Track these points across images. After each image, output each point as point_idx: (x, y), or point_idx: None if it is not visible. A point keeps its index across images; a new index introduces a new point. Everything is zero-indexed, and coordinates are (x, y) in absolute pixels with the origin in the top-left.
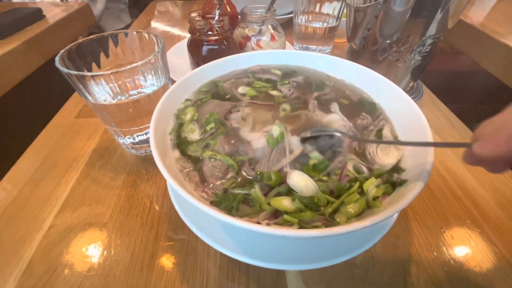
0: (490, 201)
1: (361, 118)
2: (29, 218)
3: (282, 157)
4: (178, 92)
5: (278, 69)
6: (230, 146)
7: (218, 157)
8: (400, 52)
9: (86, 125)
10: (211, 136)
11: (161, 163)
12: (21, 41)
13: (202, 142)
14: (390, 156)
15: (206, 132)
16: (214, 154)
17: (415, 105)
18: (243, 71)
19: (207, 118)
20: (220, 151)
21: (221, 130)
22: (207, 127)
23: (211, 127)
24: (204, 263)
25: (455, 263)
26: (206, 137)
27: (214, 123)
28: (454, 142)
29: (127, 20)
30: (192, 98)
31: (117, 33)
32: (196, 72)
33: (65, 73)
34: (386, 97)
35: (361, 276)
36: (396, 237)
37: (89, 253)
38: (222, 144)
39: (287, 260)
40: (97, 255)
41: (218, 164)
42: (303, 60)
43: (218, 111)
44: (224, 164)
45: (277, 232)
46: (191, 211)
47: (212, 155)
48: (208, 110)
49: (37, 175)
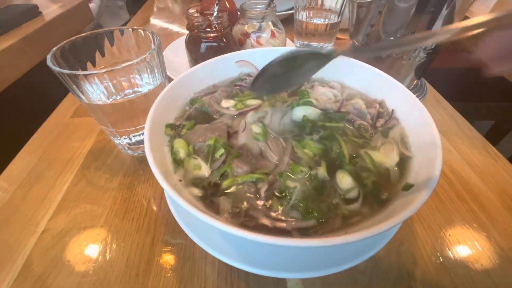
0: (497, 203)
1: (374, 107)
2: (23, 221)
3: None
4: (175, 91)
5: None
6: (249, 165)
7: (240, 180)
8: None
9: (82, 125)
10: (224, 164)
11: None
12: (17, 38)
13: (218, 174)
14: (389, 159)
15: (217, 160)
16: (235, 180)
17: (421, 104)
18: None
19: (210, 145)
20: (239, 174)
21: (234, 153)
22: (217, 154)
23: (221, 153)
24: (202, 268)
25: (461, 268)
26: (219, 166)
27: (224, 148)
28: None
29: (126, 17)
30: (175, 121)
31: (112, 30)
32: (194, 71)
33: (57, 72)
34: (391, 95)
35: (364, 283)
36: (400, 242)
37: (84, 258)
38: (240, 166)
39: (288, 268)
40: (92, 260)
41: (247, 187)
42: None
43: (217, 134)
44: (252, 184)
45: (278, 242)
46: (189, 216)
47: (235, 181)
48: (202, 137)
49: (32, 176)
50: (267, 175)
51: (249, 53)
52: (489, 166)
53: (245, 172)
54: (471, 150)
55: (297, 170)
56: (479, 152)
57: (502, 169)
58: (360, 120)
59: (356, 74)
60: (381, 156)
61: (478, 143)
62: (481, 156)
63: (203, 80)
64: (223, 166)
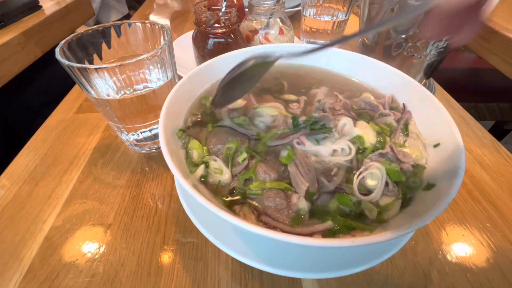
0: (509, 203)
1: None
2: (29, 218)
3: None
4: (186, 87)
5: (285, 77)
6: (276, 172)
7: (268, 185)
8: (415, 47)
9: (87, 120)
10: (246, 169)
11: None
12: (17, 32)
13: (242, 178)
14: (418, 155)
15: (239, 165)
16: (262, 184)
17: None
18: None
19: (231, 148)
20: (266, 180)
21: (258, 159)
22: (239, 158)
23: (244, 158)
24: (215, 268)
25: (477, 269)
26: (242, 170)
27: (246, 153)
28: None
29: (124, 11)
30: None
31: (120, 23)
32: (204, 67)
33: (66, 66)
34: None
35: (380, 283)
36: (415, 242)
37: (93, 257)
38: (267, 172)
39: (304, 268)
40: (102, 259)
41: (273, 194)
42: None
43: (239, 138)
44: (279, 191)
45: (297, 241)
46: (202, 213)
47: (263, 185)
48: (221, 139)
49: (37, 173)
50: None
51: (258, 49)
52: (500, 165)
53: (272, 179)
54: (482, 150)
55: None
56: (490, 152)
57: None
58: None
59: (366, 69)
60: (410, 152)
61: (488, 142)
62: (492, 155)
63: (214, 76)
64: (247, 171)
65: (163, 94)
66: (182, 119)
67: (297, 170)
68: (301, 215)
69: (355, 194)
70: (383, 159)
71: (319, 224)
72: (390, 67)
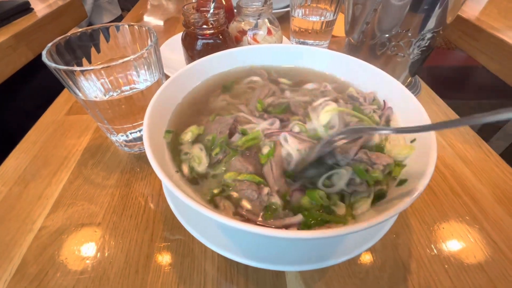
0: (489, 197)
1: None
2: (19, 219)
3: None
4: (172, 88)
5: (283, 75)
6: (253, 167)
7: (241, 177)
8: (399, 46)
9: (77, 122)
10: (218, 163)
11: (157, 166)
12: (8, 35)
13: (213, 171)
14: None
15: (213, 157)
16: (236, 175)
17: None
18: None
19: (209, 141)
20: (242, 172)
21: (231, 153)
22: (213, 153)
23: (216, 153)
24: (201, 264)
25: (455, 260)
26: (214, 163)
27: (220, 147)
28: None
29: (117, 12)
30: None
31: (108, 26)
32: (191, 67)
33: (53, 68)
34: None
35: (361, 275)
36: (396, 234)
37: (82, 255)
38: (245, 165)
39: (287, 261)
40: (91, 257)
41: (246, 186)
42: (302, 56)
43: (221, 130)
44: (252, 183)
45: (276, 234)
46: (188, 211)
47: (234, 177)
48: (211, 130)
49: (27, 174)
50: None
51: (245, 50)
52: (481, 161)
53: (249, 172)
54: (464, 145)
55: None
56: (472, 147)
57: (493, 164)
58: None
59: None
60: (391, 148)
61: (470, 139)
62: (473, 151)
63: (200, 77)
64: (218, 164)
65: (151, 95)
66: (168, 120)
67: (271, 172)
68: (273, 207)
69: (318, 186)
70: (354, 161)
71: (292, 217)
72: (372, 66)
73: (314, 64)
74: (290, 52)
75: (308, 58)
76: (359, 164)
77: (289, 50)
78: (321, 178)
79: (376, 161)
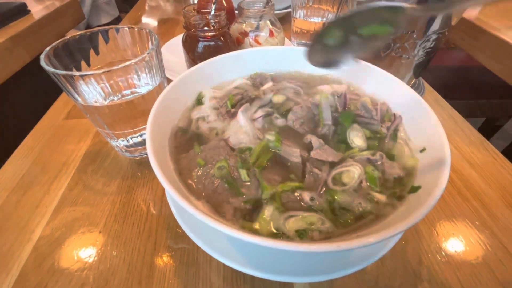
0: (497, 201)
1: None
2: (17, 228)
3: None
4: (175, 92)
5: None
6: (280, 175)
7: (281, 188)
8: (403, 48)
9: (76, 127)
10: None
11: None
12: (5, 37)
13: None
14: (404, 159)
15: (246, 182)
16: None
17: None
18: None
19: (223, 167)
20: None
21: (259, 167)
22: (242, 177)
23: (245, 177)
24: (206, 274)
25: (466, 266)
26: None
27: (246, 169)
28: None
29: (114, 13)
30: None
31: (108, 28)
32: (195, 70)
33: (51, 73)
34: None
35: (371, 283)
36: (405, 241)
37: (82, 266)
38: (273, 177)
39: (295, 272)
40: (92, 268)
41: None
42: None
43: (224, 156)
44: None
45: (285, 246)
46: (192, 218)
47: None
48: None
49: (25, 181)
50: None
51: (248, 52)
52: (488, 164)
53: (278, 182)
54: (470, 148)
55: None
56: (478, 150)
57: (501, 167)
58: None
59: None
60: (398, 157)
61: (476, 141)
62: (480, 154)
63: (204, 79)
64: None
65: (152, 99)
66: (172, 124)
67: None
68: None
69: (327, 181)
70: (368, 164)
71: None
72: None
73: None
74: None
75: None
76: (372, 168)
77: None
78: (332, 173)
79: (387, 170)
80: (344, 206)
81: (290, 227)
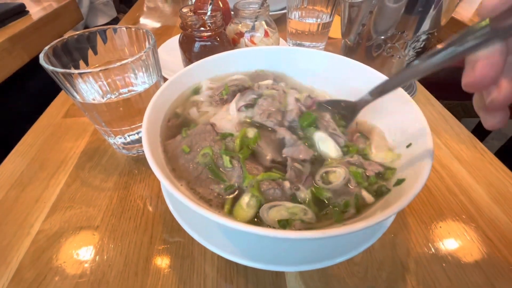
0: (484, 196)
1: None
2: (16, 223)
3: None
4: (171, 90)
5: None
6: (261, 165)
7: (261, 177)
8: (394, 48)
9: (75, 125)
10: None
11: (156, 168)
12: (4, 38)
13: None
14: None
15: (229, 170)
16: (255, 177)
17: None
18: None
19: (207, 154)
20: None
21: (244, 154)
22: (225, 164)
23: (228, 163)
24: (201, 265)
25: (452, 258)
26: (240, 175)
27: (226, 155)
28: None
29: (112, 14)
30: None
31: (106, 28)
32: (189, 69)
33: (50, 71)
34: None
35: (360, 274)
36: (394, 234)
37: (80, 259)
38: (255, 166)
39: (286, 261)
40: (89, 260)
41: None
42: (297, 57)
43: (209, 141)
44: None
45: (277, 234)
46: (187, 212)
47: (255, 179)
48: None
49: (24, 177)
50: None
51: (243, 52)
52: (476, 160)
53: (260, 171)
54: (460, 145)
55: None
56: (467, 147)
57: (488, 163)
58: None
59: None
60: (376, 152)
61: (465, 138)
62: (469, 151)
63: (199, 79)
64: (244, 175)
65: (149, 97)
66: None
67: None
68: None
69: (315, 181)
70: (350, 165)
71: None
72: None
73: (311, 65)
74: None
75: (305, 60)
76: (355, 167)
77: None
78: (318, 173)
79: (368, 168)
80: (329, 201)
81: (272, 217)
